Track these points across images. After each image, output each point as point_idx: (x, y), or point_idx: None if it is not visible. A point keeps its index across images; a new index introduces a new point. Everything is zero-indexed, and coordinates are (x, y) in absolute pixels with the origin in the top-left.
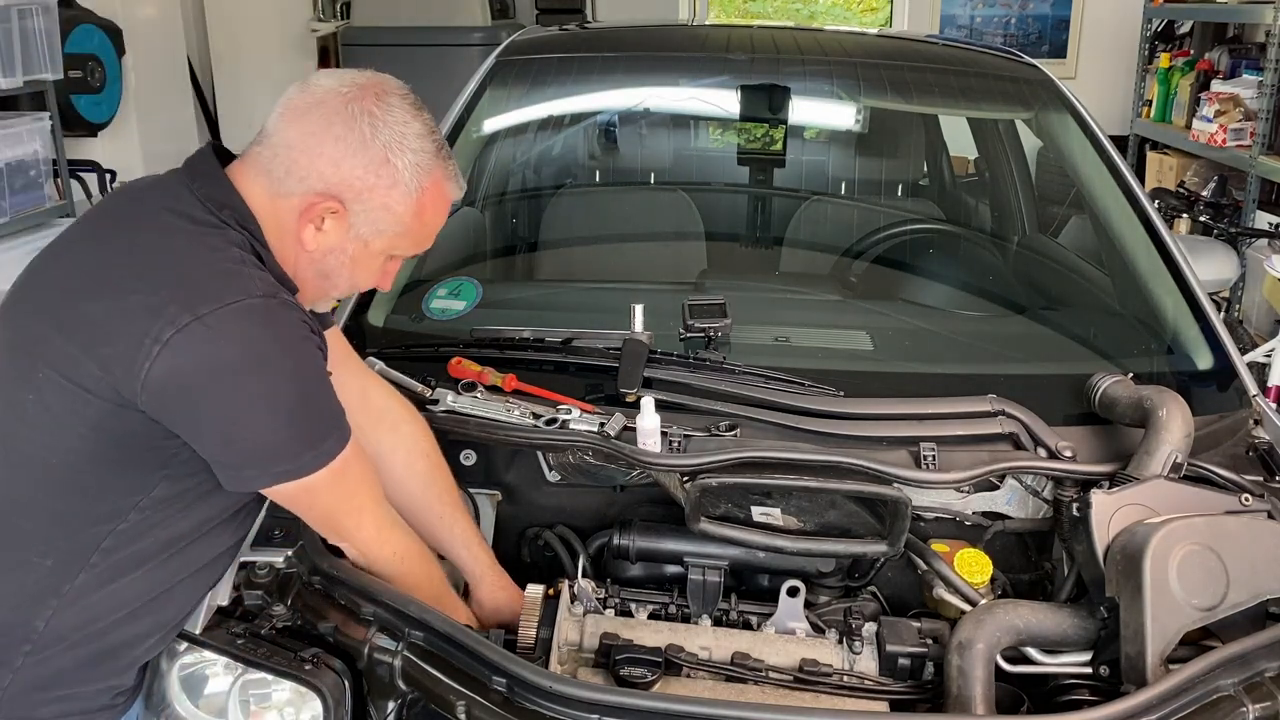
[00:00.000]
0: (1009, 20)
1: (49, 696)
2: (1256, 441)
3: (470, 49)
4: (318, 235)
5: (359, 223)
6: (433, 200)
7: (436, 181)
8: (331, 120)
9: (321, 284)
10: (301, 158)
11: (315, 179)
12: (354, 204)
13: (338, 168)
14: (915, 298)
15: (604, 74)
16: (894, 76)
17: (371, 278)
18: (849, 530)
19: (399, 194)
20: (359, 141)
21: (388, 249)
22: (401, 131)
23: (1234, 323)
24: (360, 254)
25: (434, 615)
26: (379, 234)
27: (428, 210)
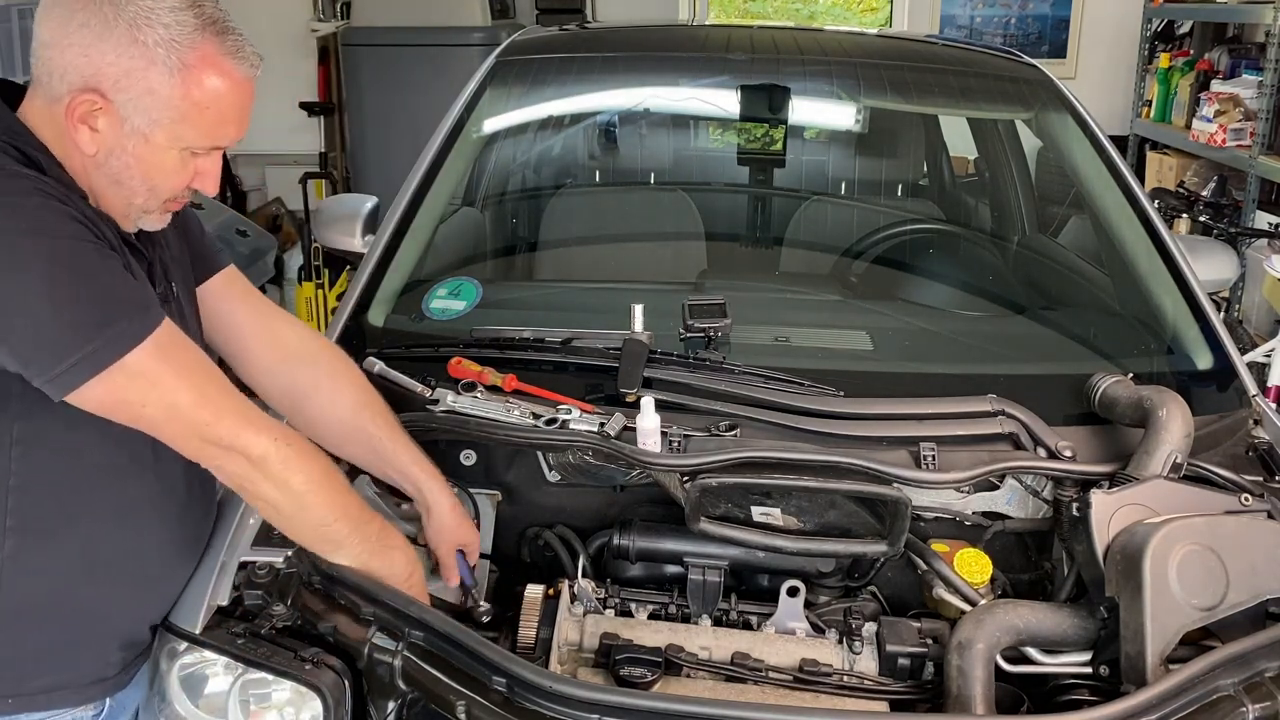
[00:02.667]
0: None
1: (35, 670)
2: (1256, 441)
3: (470, 49)
4: (94, 137)
5: (129, 114)
6: (203, 77)
7: (205, 56)
8: (74, 7)
9: (120, 192)
10: (55, 54)
11: (73, 74)
12: (116, 95)
13: (88, 57)
14: (915, 298)
15: (604, 74)
16: (894, 76)
17: (170, 177)
18: (849, 530)
19: (158, 74)
20: (102, 24)
21: (173, 141)
22: (149, 5)
23: (1234, 323)
24: (144, 151)
25: (434, 615)
26: (154, 124)
27: (202, 90)
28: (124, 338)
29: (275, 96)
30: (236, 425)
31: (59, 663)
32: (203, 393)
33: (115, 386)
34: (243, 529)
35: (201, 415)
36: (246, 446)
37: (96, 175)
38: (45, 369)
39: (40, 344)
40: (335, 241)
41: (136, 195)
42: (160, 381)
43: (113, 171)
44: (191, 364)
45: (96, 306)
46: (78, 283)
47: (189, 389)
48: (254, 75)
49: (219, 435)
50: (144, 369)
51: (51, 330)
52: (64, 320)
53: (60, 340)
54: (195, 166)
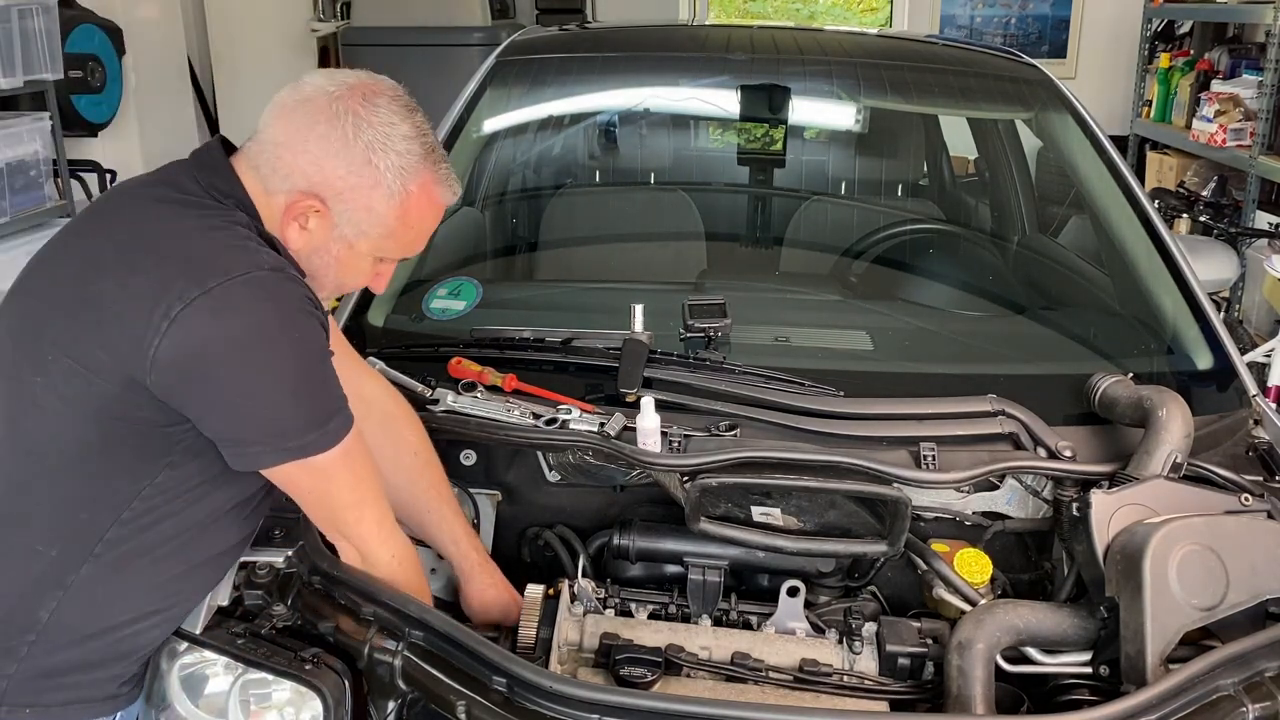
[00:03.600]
0: (1009, 20)
1: (54, 684)
2: (1256, 441)
3: (470, 49)
4: (302, 234)
5: (342, 223)
6: (419, 204)
7: (424, 185)
8: (316, 119)
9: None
10: (286, 154)
11: (299, 177)
12: (336, 204)
13: (320, 167)
14: (915, 298)
15: (604, 74)
16: (894, 76)
17: (359, 279)
18: (849, 530)
19: (381, 195)
20: (341, 141)
21: (373, 251)
22: (386, 132)
23: (1234, 323)
24: (345, 255)
25: (434, 615)
26: (362, 235)
27: (413, 214)
28: (334, 435)
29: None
30: (370, 533)
31: (82, 682)
32: (360, 499)
33: (304, 473)
34: None
35: (349, 516)
36: (370, 551)
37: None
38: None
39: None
40: None
41: (323, 289)
42: (338, 477)
43: (311, 267)
44: (364, 467)
45: (323, 403)
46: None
47: (350, 492)
48: (454, 202)
49: (354, 534)
50: (335, 467)
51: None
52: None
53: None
54: (378, 270)
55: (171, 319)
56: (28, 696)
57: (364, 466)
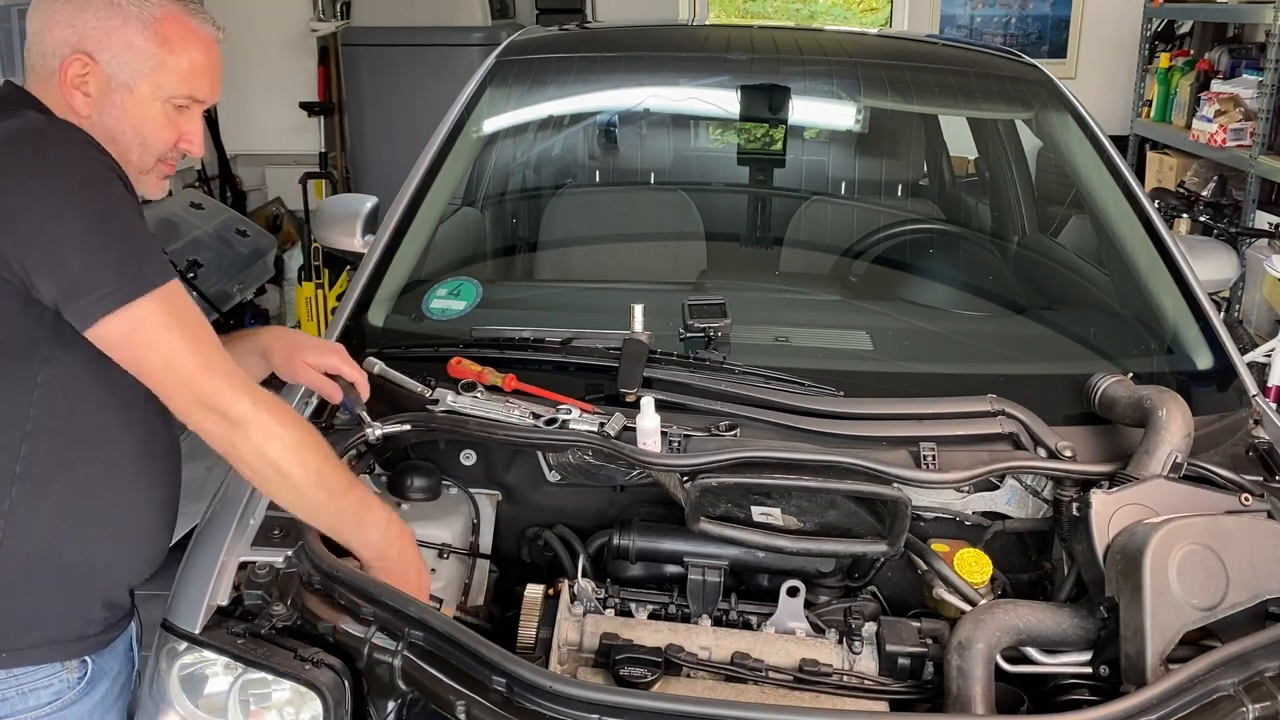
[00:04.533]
0: (1009, 20)
1: (23, 625)
2: (1256, 441)
3: (470, 49)
4: (86, 100)
5: (114, 69)
6: (176, 31)
7: (171, 14)
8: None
9: (115, 151)
10: (47, 35)
11: (62, 45)
12: (100, 53)
13: (73, 26)
14: (915, 298)
15: (604, 74)
16: (894, 76)
17: (160, 131)
18: (849, 530)
19: (134, 28)
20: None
21: (156, 91)
22: None
23: (1234, 323)
24: (130, 102)
25: (434, 615)
26: (137, 75)
27: (174, 40)
28: (147, 279)
29: (275, 96)
30: (221, 383)
31: (48, 619)
32: (199, 346)
33: (133, 324)
34: (243, 529)
35: (193, 368)
36: (228, 406)
37: (93, 136)
38: (81, 296)
39: (83, 273)
40: (335, 241)
41: (131, 151)
42: (167, 328)
43: (107, 128)
44: (194, 321)
45: (131, 249)
46: (120, 227)
47: (186, 340)
48: (215, 35)
49: (204, 392)
50: (158, 313)
51: (95, 262)
52: (106, 256)
53: (100, 272)
54: (180, 126)
55: None
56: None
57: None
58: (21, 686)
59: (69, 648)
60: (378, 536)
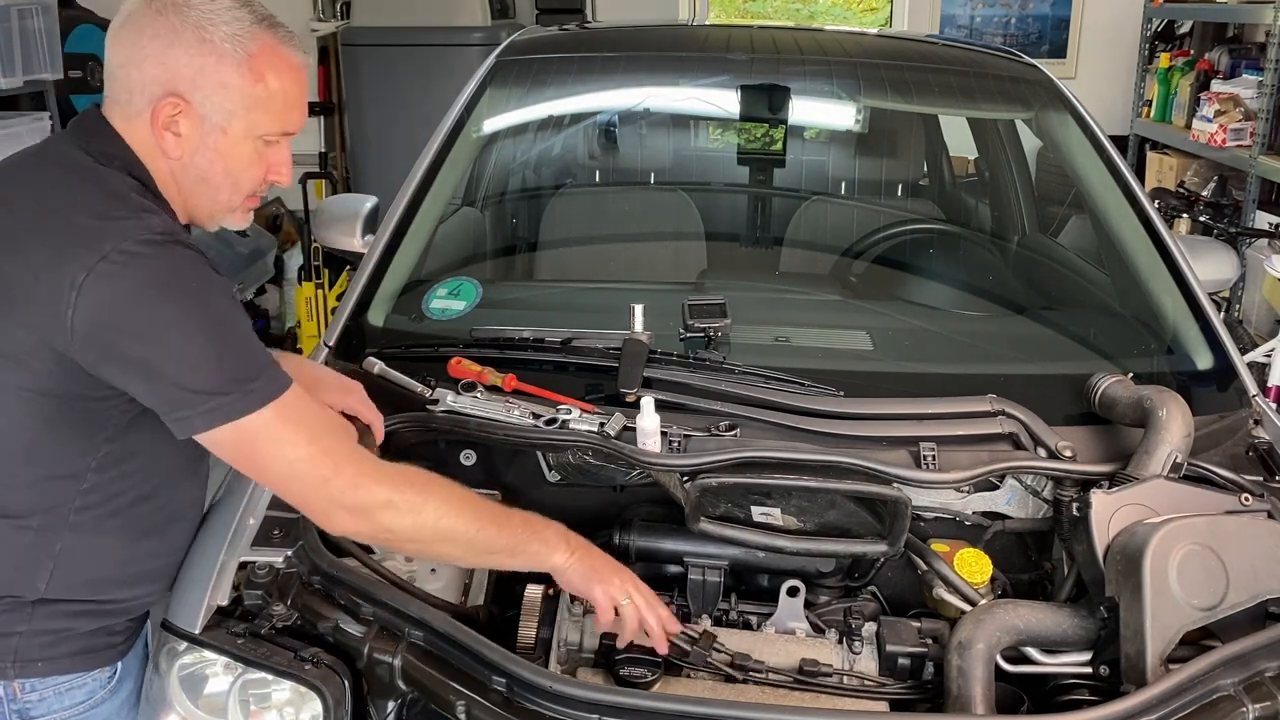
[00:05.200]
0: (1009, 20)
1: (60, 638)
2: (1256, 441)
3: (470, 49)
4: (177, 141)
5: (207, 111)
6: (269, 64)
7: (266, 46)
8: (142, 26)
9: (205, 190)
10: (134, 71)
11: (152, 85)
12: (193, 94)
13: (164, 65)
14: (915, 298)
15: (604, 74)
16: (894, 76)
17: (251, 169)
18: (849, 530)
19: (229, 66)
20: (171, 33)
21: (249, 130)
22: (210, 8)
23: (1234, 323)
24: (223, 144)
25: (434, 615)
26: (230, 116)
27: (267, 75)
28: (260, 396)
29: None
30: (355, 476)
31: (83, 633)
32: (321, 446)
33: (244, 435)
34: (242, 529)
35: (320, 470)
36: (370, 496)
37: (183, 177)
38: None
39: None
40: (335, 241)
41: (221, 191)
42: (283, 437)
43: (198, 170)
44: (314, 422)
45: (242, 362)
46: (229, 344)
47: (308, 443)
48: (307, 62)
49: (339, 490)
50: (270, 424)
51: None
52: (216, 373)
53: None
54: (269, 157)
55: (78, 288)
56: (38, 651)
57: (313, 420)
58: (58, 688)
59: (98, 657)
60: (554, 533)
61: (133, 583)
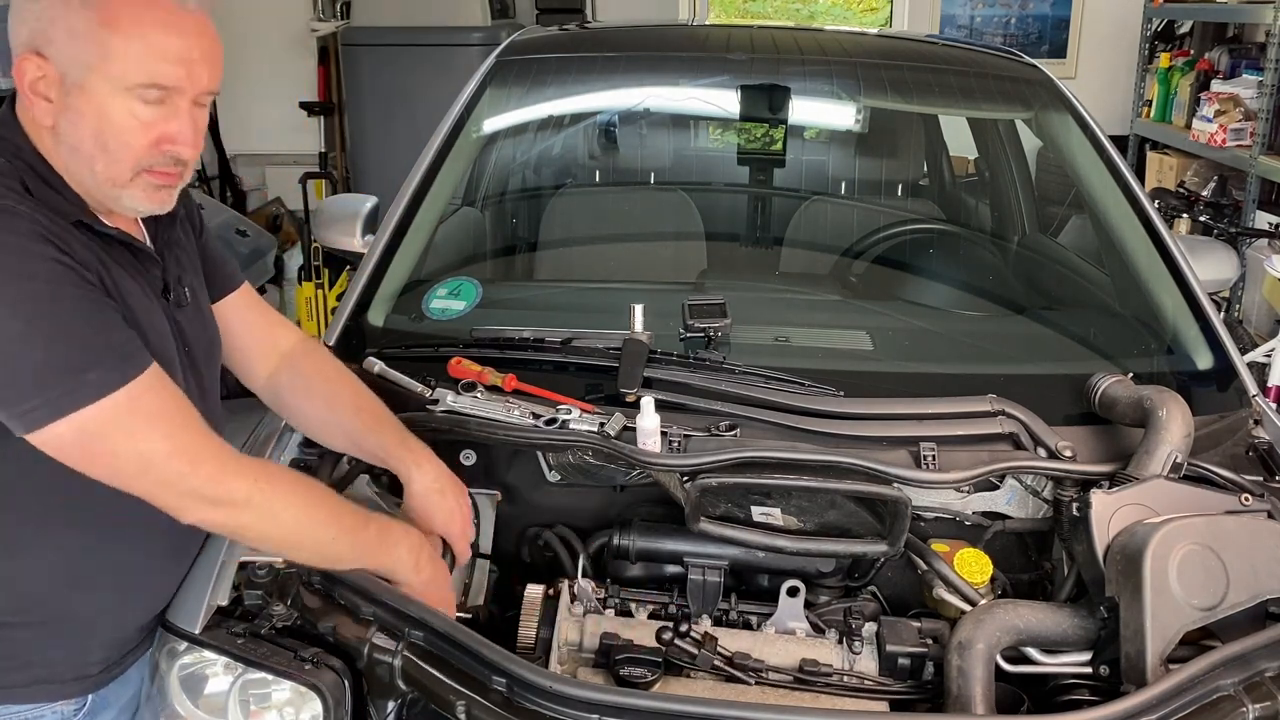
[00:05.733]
0: (1009, 20)
1: (16, 664)
2: (1256, 441)
3: (470, 49)
4: (48, 106)
5: (64, 68)
6: (125, 6)
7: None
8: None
9: (80, 162)
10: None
11: (18, 45)
12: (47, 48)
13: (23, 20)
14: (915, 298)
15: (604, 74)
16: (894, 76)
17: (125, 134)
18: (849, 530)
19: (75, 9)
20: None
21: (111, 83)
22: None
23: (1234, 323)
24: (85, 104)
25: (434, 615)
26: (86, 69)
27: (122, 18)
28: (94, 386)
29: (275, 96)
30: (215, 473)
31: (39, 661)
32: (177, 442)
33: (83, 432)
34: None
35: (177, 466)
36: (229, 493)
37: (60, 150)
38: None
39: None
40: (335, 241)
41: (96, 161)
42: (133, 431)
43: (68, 138)
44: (169, 413)
45: (71, 353)
46: (53, 330)
47: (163, 439)
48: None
49: (197, 485)
50: (115, 418)
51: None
52: (35, 364)
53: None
54: (157, 125)
55: None
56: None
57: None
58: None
59: (64, 688)
60: (406, 551)
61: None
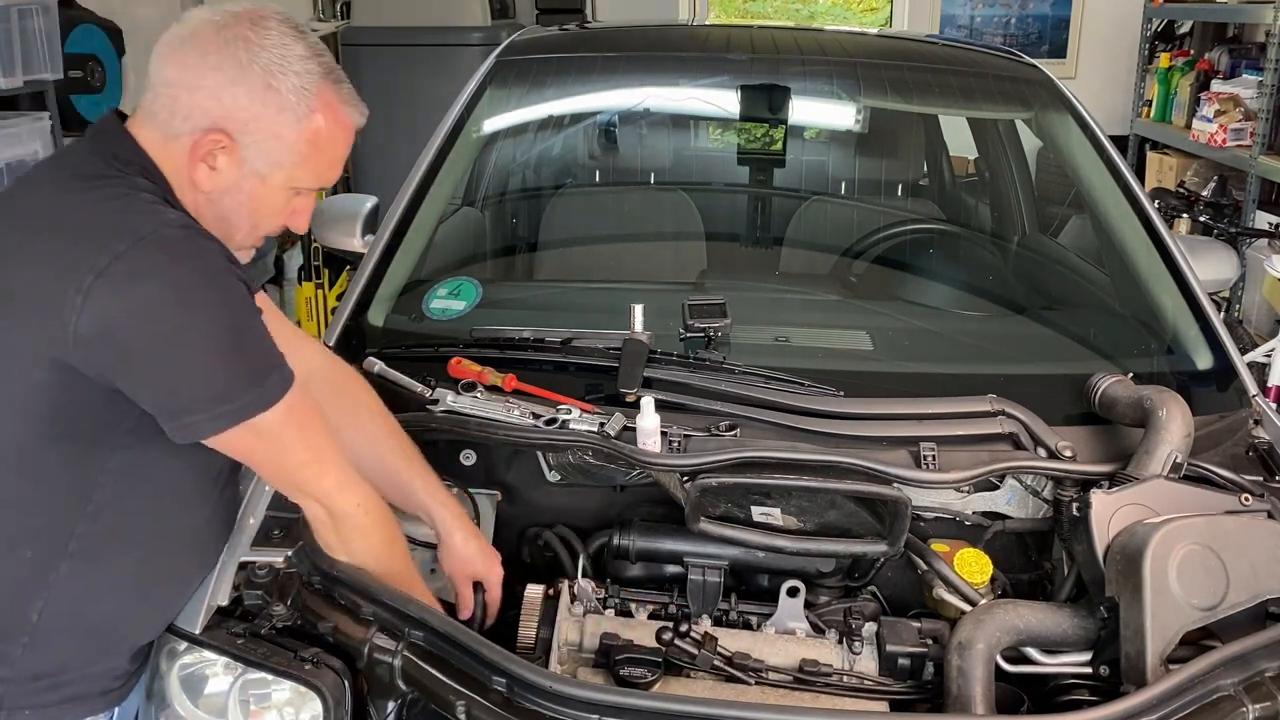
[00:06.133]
0: (1009, 20)
1: (50, 683)
2: (1256, 441)
3: (470, 49)
4: (212, 175)
5: (252, 156)
6: (329, 125)
7: (329, 104)
8: (206, 50)
9: (223, 227)
10: (183, 94)
11: (200, 115)
12: (242, 136)
13: (219, 99)
14: (915, 298)
15: (604, 74)
16: (894, 76)
17: (275, 217)
18: (849, 530)
19: (288, 120)
20: (236, 68)
21: (288, 182)
22: (282, 54)
23: (1234, 323)
24: (259, 191)
25: (434, 615)
26: (275, 166)
27: (324, 136)
28: (272, 394)
29: None
30: (334, 486)
31: (77, 677)
32: (316, 453)
33: (247, 436)
34: (243, 529)
35: (306, 474)
36: (334, 504)
37: (205, 209)
38: (184, 414)
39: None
40: (335, 241)
41: (239, 231)
42: (284, 436)
43: (223, 209)
44: (311, 424)
45: (255, 362)
46: (242, 343)
47: (304, 449)
48: (362, 121)
49: (315, 491)
50: (279, 426)
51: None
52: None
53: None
54: (295, 206)
55: (85, 292)
56: (26, 698)
57: (312, 421)
58: None
59: (95, 702)
60: None
61: (136, 616)
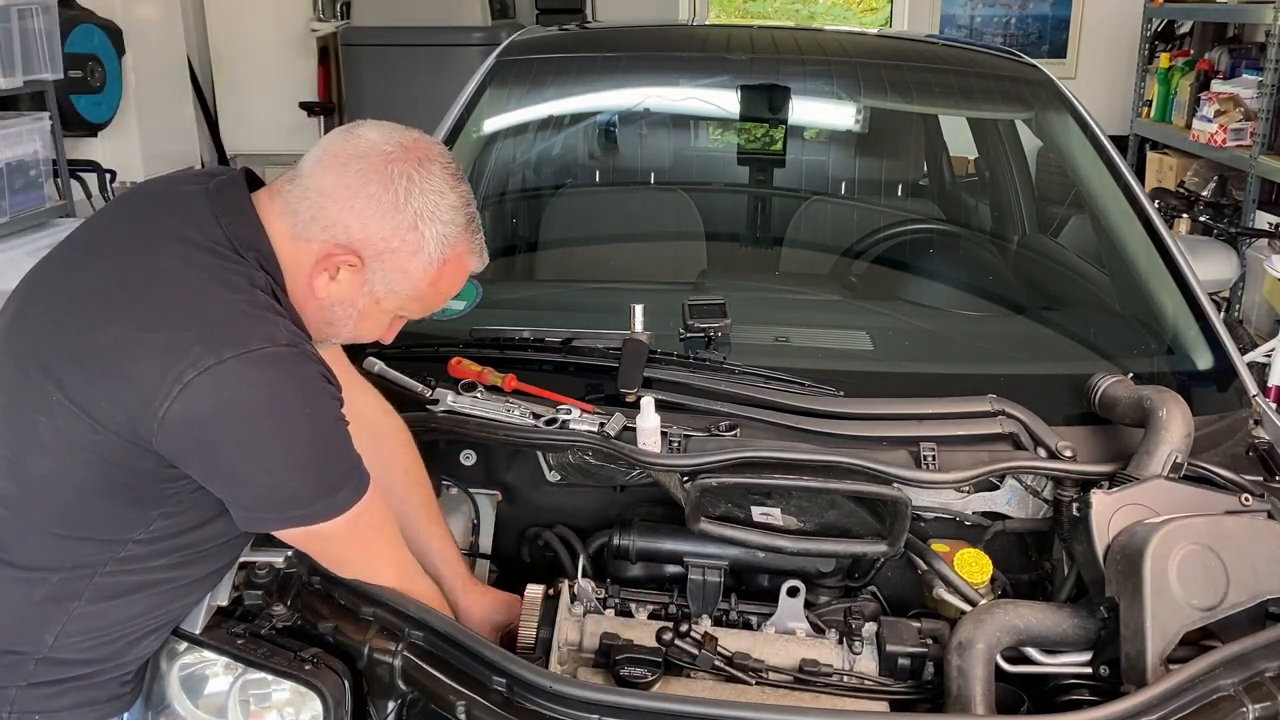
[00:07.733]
0: (1009, 20)
1: (61, 690)
2: (1256, 441)
3: (470, 49)
4: (330, 285)
5: (374, 280)
6: (452, 271)
7: (460, 254)
8: (369, 177)
9: (324, 329)
10: (331, 207)
11: (339, 230)
12: (373, 262)
13: (364, 225)
14: (915, 298)
15: (604, 74)
16: (894, 76)
17: (375, 332)
18: (849, 530)
19: (420, 261)
20: (391, 204)
21: (397, 309)
22: (436, 201)
23: (1234, 323)
24: (370, 310)
25: (434, 615)
26: (391, 294)
27: (444, 280)
28: (343, 505)
29: (275, 96)
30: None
31: (86, 684)
32: (375, 555)
33: (309, 537)
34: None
35: (363, 573)
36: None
37: (313, 311)
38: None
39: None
40: None
41: (339, 336)
42: (346, 540)
43: (331, 315)
44: (375, 531)
45: (333, 472)
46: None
47: (364, 553)
48: (480, 270)
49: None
50: (343, 532)
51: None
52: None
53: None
54: (393, 325)
55: (184, 384)
56: (36, 704)
57: (377, 528)
58: None
59: (104, 707)
60: None
61: (150, 634)
